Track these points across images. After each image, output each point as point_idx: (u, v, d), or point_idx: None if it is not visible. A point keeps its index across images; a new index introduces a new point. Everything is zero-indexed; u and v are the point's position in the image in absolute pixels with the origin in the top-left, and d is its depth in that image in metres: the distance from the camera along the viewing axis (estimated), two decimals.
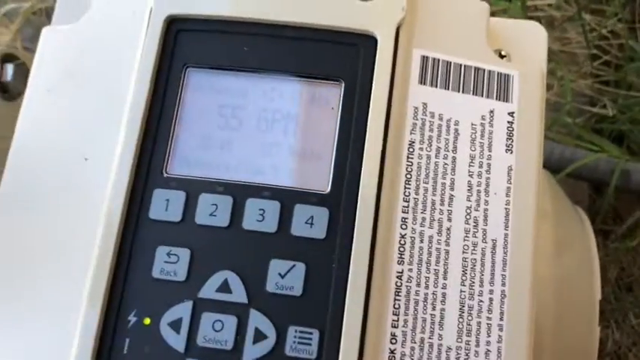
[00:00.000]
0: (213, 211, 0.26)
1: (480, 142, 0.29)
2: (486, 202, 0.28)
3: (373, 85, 0.28)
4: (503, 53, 0.32)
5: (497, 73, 0.29)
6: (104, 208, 0.27)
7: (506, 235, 0.28)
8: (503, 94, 0.29)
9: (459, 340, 0.26)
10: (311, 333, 0.25)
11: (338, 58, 0.28)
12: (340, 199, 0.26)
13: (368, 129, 0.27)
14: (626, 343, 0.77)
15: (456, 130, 0.28)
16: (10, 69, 0.39)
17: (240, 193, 0.26)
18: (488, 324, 0.27)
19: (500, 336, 0.27)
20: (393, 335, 0.26)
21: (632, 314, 0.77)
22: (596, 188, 0.74)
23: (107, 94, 0.29)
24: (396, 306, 0.26)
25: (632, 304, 0.78)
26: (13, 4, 0.65)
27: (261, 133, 0.28)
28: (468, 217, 0.28)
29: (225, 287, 0.25)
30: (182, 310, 0.25)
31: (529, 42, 0.32)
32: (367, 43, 0.28)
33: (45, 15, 0.72)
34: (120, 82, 0.29)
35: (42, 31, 0.32)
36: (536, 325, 0.39)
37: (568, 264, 0.42)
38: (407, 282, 0.27)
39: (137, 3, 0.30)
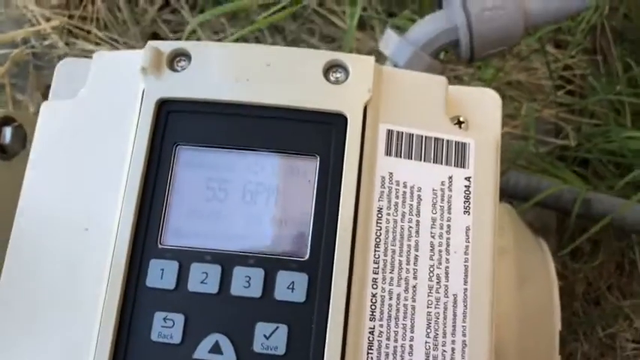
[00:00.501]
0: (203, 279, 0.29)
1: (441, 206, 0.32)
2: (447, 260, 0.31)
3: (345, 158, 0.31)
4: (461, 119, 0.35)
5: (455, 142, 0.33)
6: (105, 277, 0.30)
7: (465, 289, 0.31)
8: (460, 161, 0.33)
9: None
10: None
11: (313, 135, 0.31)
12: (318, 265, 0.30)
13: (341, 198, 0.30)
14: (594, 354, 0.81)
15: (419, 196, 0.32)
16: (8, 132, 0.41)
17: (227, 261, 0.30)
18: None
19: None
20: None
21: (600, 327, 0.82)
22: (567, 214, 0.78)
23: (105, 168, 0.32)
24: (370, 359, 0.30)
25: (599, 317, 0.82)
26: (2, 50, 0.68)
27: (246, 205, 0.31)
28: (431, 274, 0.31)
29: (216, 348, 0.29)
30: None
31: (485, 108, 0.36)
32: (339, 121, 0.31)
33: (32, 56, 0.75)
34: (116, 156, 0.32)
35: (41, 107, 0.35)
36: (500, 352, 0.42)
37: (529, 297, 0.46)
38: (378, 337, 0.30)
39: (130, 82, 0.33)
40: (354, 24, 0.54)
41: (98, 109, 0.33)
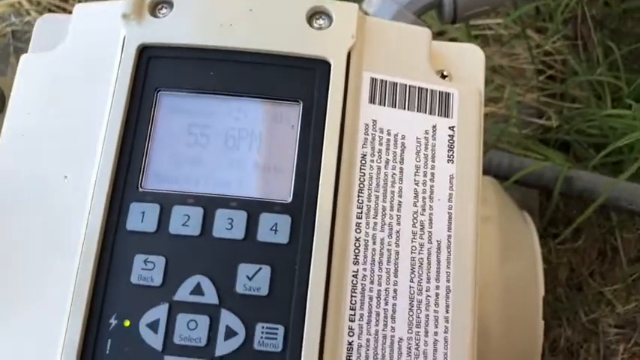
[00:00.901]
0: (185, 221, 0.29)
1: (424, 154, 0.32)
2: (431, 207, 0.31)
3: (328, 105, 0.31)
4: (445, 73, 0.35)
5: (439, 92, 0.33)
6: (85, 221, 0.29)
7: (449, 236, 0.31)
8: (444, 111, 0.33)
9: (410, 331, 0.29)
10: (276, 329, 0.28)
11: (296, 81, 0.31)
12: (301, 208, 0.29)
13: (324, 144, 0.30)
14: (578, 339, 0.81)
15: (403, 144, 0.32)
16: None
17: (210, 204, 0.29)
18: (435, 316, 0.30)
19: (446, 327, 0.30)
20: (351, 328, 0.29)
21: (582, 312, 0.82)
22: (547, 195, 0.79)
23: (85, 117, 0.32)
24: (353, 302, 0.29)
25: (582, 303, 0.83)
26: None
27: (228, 150, 0.31)
28: (414, 221, 0.31)
29: (198, 290, 0.28)
30: (159, 312, 0.28)
31: (468, 63, 0.36)
32: (322, 67, 0.31)
33: (11, 36, 0.74)
34: (96, 105, 0.32)
35: (21, 58, 0.34)
36: (483, 323, 0.42)
37: (513, 265, 0.46)
38: (362, 280, 0.30)
39: (111, 31, 0.33)
40: None
41: (79, 59, 0.33)
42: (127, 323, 0.28)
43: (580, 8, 0.82)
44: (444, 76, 0.35)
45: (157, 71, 0.31)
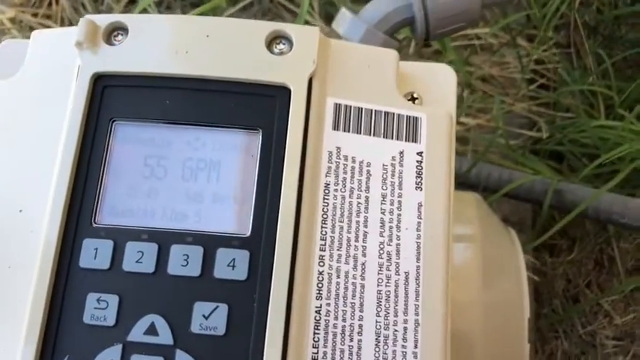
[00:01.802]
0: (139, 258, 0.28)
1: (391, 182, 0.31)
2: (398, 237, 0.30)
3: (288, 132, 0.30)
4: (415, 95, 0.34)
5: (406, 117, 0.32)
6: (37, 257, 0.28)
7: (418, 267, 0.30)
8: (412, 136, 0.32)
9: None
10: None
11: (256, 108, 0.30)
12: (260, 242, 0.28)
13: (284, 174, 0.29)
14: (575, 352, 0.80)
15: (368, 172, 0.31)
16: None
17: (164, 239, 0.28)
18: (403, 352, 0.29)
19: None
20: None
21: (580, 324, 0.81)
22: (540, 205, 0.77)
23: (41, 148, 0.31)
24: (316, 339, 0.28)
25: (578, 314, 0.81)
26: None
27: (185, 182, 0.29)
28: (381, 251, 0.30)
29: (152, 330, 0.27)
30: (112, 354, 0.27)
31: (439, 84, 0.35)
32: (282, 94, 0.30)
33: None
34: (52, 135, 0.31)
35: None
36: (465, 346, 0.41)
37: (497, 288, 0.45)
38: (325, 316, 0.29)
39: (67, 59, 0.32)
40: (305, 9, 0.53)
41: (35, 88, 0.32)
42: None
43: (572, 15, 0.81)
44: (413, 99, 0.34)
45: (112, 100, 0.30)
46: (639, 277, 0.82)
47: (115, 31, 0.31)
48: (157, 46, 0.31)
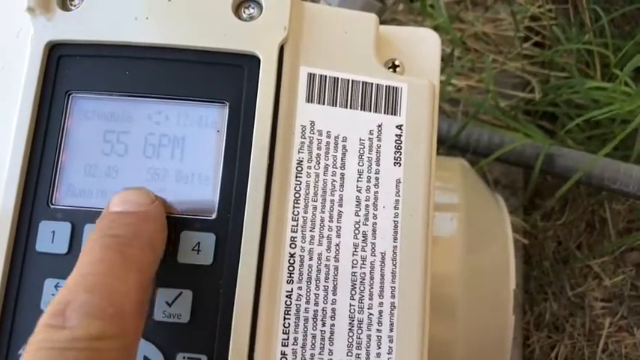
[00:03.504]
0: None
1: (369, 157, 0.29)
2: (375, 215, 0.28)
3: (257, 105, 0.28)
4: (396, 63, 0.32)
5: (386, 87, 0.30)
6: None
7: (395, 247, 0.28)
8: (392, 108, 0.30)
9: (350, 354, 0.27)
10: (199, 359, 0.25)
11: (222, 79, 0.28)
12: (227, 224, 0.27)
13: (253, 151, 0.27)
14: (563, 314, 0.80)
15: (344, 147, 0.29)
16: None
17: None
18: (378, 336, 0.27)
19: (390, 347, 0.27)
20: (283, 354, 0.27)
21: (569, 286, 0.80)
22: (531, 169, 0.76)
23: None
24: (286, 325, 0.27)
25: (568, 276, 0.81)
26: None
27: (147, 159, 0.28)
28: (356, 231, 0.28)
29: None
30: None
31: (423, 50, 0.33)
32: (251, 63, 0.28)
33: None
34: (7, 109, 0.28)
35: None
36: (447, 319, 0.40)
37: (482, 257, 0.44)
38: (296, 300, 0.27)
39: (21, 23, 0.29)
40: None
41: None
42: None
43: None
44: (394, 67, 0.32)
45: (69, 71, 0.28)
46: (630, 238, 0.81)
47: None
48: (116, 12, 0.28)
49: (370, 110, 0.29)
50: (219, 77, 0.28)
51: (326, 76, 0.29)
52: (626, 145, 0.71)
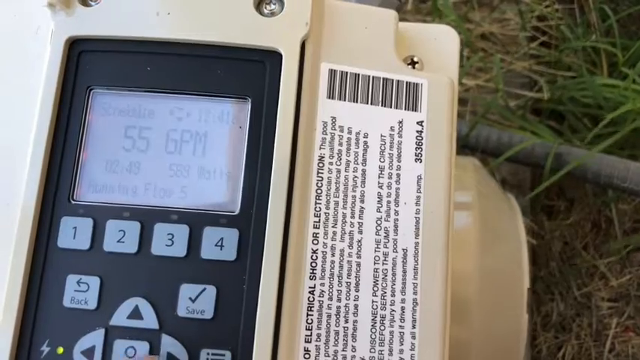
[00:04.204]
0: (121, 237, 0.26)
1: (390, 153, 0.29)
2: (396, 212, 0.28)
3: (279, 101, 0.28)
4: (415, 59, 0.32)
5: (406, 83, 0.30)
6: (13, 237, 0.26)
7: (416, 243, 0.28)
8: (412, 104, 0.30)
9: (372, 350, 0.27)
10: (223, 355, 0.25)
11: (244, 75, 0.28)
12: (250, 220, 0.27)
13: (275, 146, 0.27)
14: (570, 314, 0.80)
15: (365, 143, 0.29)
16: None
17: (147, 217, 0.26)
18: (400, 332, 0.27)
19: (413, 344, 0.27)
20: (307, 350, 0.27)
21: (575, 286, 0.80)
22: (540, 168, 0.76)
23: (17, 118, 0.29)
24: (309, 321, 0.27)
25: (575, 276, 0.81)
26: None
27: (169, 155, 0.27)
28: (378, 228, 0.28)
29: (136, 314, 0.26)
30: (94, 339, 0.25)
31: (442, 47, 0.33)
32: (273, 59, 0.28)
33: None
34: (27, 105, 0.28)
35: None
36: (462, 318, 0.40)
37: (496, 254, 0.44)
38: (319, 296, 0.27)
39: (40, 20, 0.29)
40: None
41: (5, 51, 0.30)
42: (60, 350, 0.26)
43: None
44: (413, 63, 0.32)
45: (90, 67, 0.28)
46: (636, 238, 0.81)
47: None
48: (137, 7, 0.28)
49: (391, 106, 0.29)
50: (241, 73, 0.28)
51: (347, 73, 0.29)
52: (633, 145, 0.71)
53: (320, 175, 0.28)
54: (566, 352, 0.78)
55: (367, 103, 0.29)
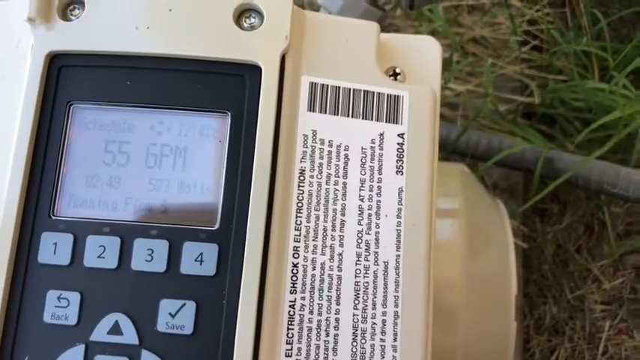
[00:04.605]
0: (101, 253, 0.26)
1: (370, 166, 0.29)
2: (377, 225, 0.28)
3: (259, 115, 0.28)
4: (397, 70, 0.32)
5: (387, 95, 0.30)
6: None
7: (397, 256, 0.28)
8: (393, 116, 0.30)
9: None
10: None
11: (224, 89, 0.28)
12: (230, 234, 0.27)
13: (255, 160, 0.27)
14: (563, 317, 0.80)
15: (346, 156, 0.29)
16: None
17: (127, 233, 0.26)
18: (382, 346, 0.27)
19: (394, 357, 0.27)
20: None
21: (568, 289, 0.80)
22: (530, 173, 0.76)
23: None
24: (290, 335, 0.27)
25: (567, 279, 0.81)
26: None
27: (149, 169, 0.28)
28: (359, 241, 0.28)
29: (116, 329, 0.26)
30: (74, 355, 0.25)
31: (423, 57, 0.32)
32: (252, 73, 0.28)
33: None
34: (7, 120, 0.28)
35: None
36: (448, 325, 0.40)
37: (482, 262, 0.44)
38: (300, 310, 0.27)
39: (21, 33, 0.29)
40: None
41: None
42: None
43: None
44: (395, 75, 0.32)
45: (70, 82, 0.28)
46: (629, 242, 0.81)
47: (70, 5, 0.29)
48: (117, 21, 0.28)
49: (372, 119, 0.29)
50: (220, 87, 0.28)
51: (328, 85, 0.29)
52: (624, 149, 0.71)
53: (301, 188, 0.28)
54: (560, 356, 0.78)
55: (348, 116, 0.29)
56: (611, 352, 0.78)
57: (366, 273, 0.28)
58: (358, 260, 0.28)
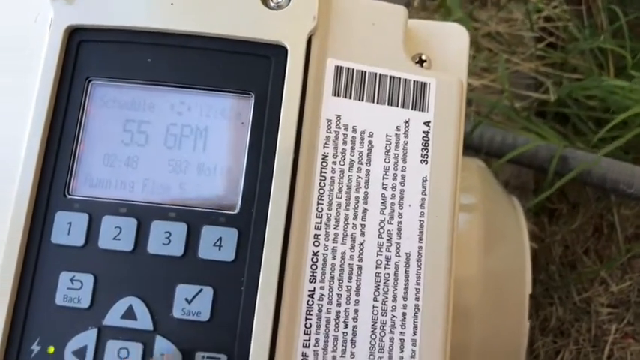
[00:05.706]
0: (116, 234, 0.25)
1: (395, 154, 0.28)
2: (400, 214, 0.28)
3: (283, 97, 0.27)
4: (423, 57, 0.31)
5: (414, 82, 0.29)
6: (6, 232, 0.26)
7: (420, 248, 0.27)
8: (419, 103, 0.29)
9: (372, 356, 0.26)
10: (219, 358, 0.25)
11: (248, 69, 0.27)
12: (250, 219, 0.26)
13: (278, 144, 0.26)
14: (569, 319, 0.79)
15: (370, 142, 0.28)
16: None
17: (144, 215, 0.26)
18: (401, 339, 0.27)
19: (413, 350, 0.27)
20: (304, 355, 0.26)
21: (575, 291, 0.80)
22: (543, 172, 0.75)
23: (13, 108, 0.28)
24: (307, 325, 0.26)
25: (575, 281, 0.80)
26: None
27: (168, 150, 0.27)
28: (381, 230, 0.27)
29: (130, 314, 0.25)
30: (87, 338, 0.25)
31: (451, 45, 0.32)
32: (278, 53, 0.27)
33: None
34: (24, 96, 0.27)
35: None
36: (462, 322, 0.39)
37: (498, 258, 0.43)
38: (319, 300, 0.26)
39: (39, 8, 0.28)
40: None
41: (3, 39, 0.29)
42: (51, 350, 0.25)
43: None
44: (422, 61, 0.31)
45: (89, 57, 0.27)
46: (638, 244, 0.80)
47: None
48: None
49: (398, 105, 0.29)
50: (244, 67, 0.27)
51: (354, 69, 0.28)
52: (637, 149, 0.70)
53: (323, 174, 0.27)
54: (564, 357, 0.77)
55: (373, 102, 0.28)
56: (616, 356, 0.77)
57: (387, 264, 0.27)
58: (379, 251, 0.27)
